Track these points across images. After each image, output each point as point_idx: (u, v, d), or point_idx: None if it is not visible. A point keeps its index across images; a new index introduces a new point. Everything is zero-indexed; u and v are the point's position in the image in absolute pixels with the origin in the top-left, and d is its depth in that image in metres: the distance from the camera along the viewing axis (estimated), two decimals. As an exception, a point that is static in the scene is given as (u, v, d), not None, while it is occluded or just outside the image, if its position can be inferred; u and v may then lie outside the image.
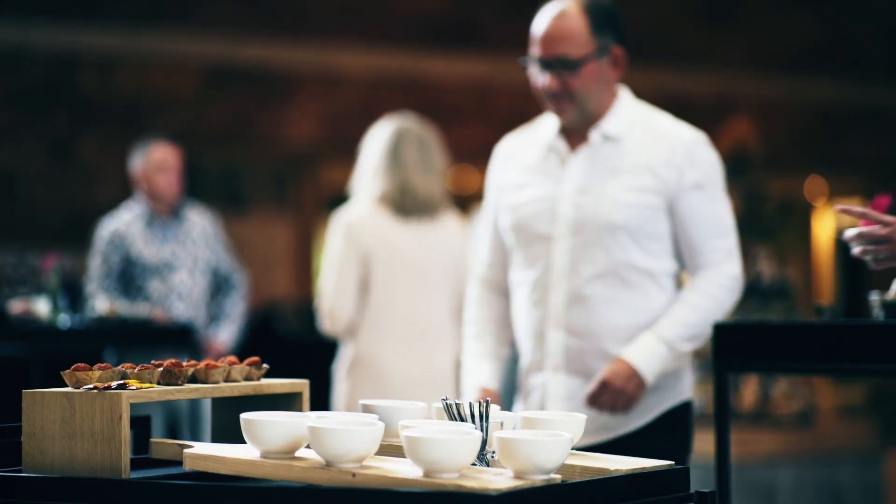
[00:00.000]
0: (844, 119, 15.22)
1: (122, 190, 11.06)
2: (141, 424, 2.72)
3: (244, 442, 2.37)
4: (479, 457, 2.33)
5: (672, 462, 2.46)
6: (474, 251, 3.84)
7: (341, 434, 2.19)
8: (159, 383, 2.54)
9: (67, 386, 2.46)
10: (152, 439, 2.48)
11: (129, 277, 6.62)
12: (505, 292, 3.68)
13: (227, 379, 2.65)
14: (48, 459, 2.39)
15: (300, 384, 2.72)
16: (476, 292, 3.72)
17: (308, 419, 2.27)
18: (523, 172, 3.58)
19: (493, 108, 12.88)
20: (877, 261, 2.93)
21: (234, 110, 12.23)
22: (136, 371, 2.51)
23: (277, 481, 2.25)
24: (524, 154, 3.61)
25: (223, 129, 12.11)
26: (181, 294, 6.61)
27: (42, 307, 6.13)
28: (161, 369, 2.55)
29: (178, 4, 11.99)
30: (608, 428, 3.48)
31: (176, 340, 6.08)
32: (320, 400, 3.14)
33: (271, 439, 2.27)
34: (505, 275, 3.67)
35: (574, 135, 3.55)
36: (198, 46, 12.01)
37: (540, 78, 3.47)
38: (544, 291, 3.49)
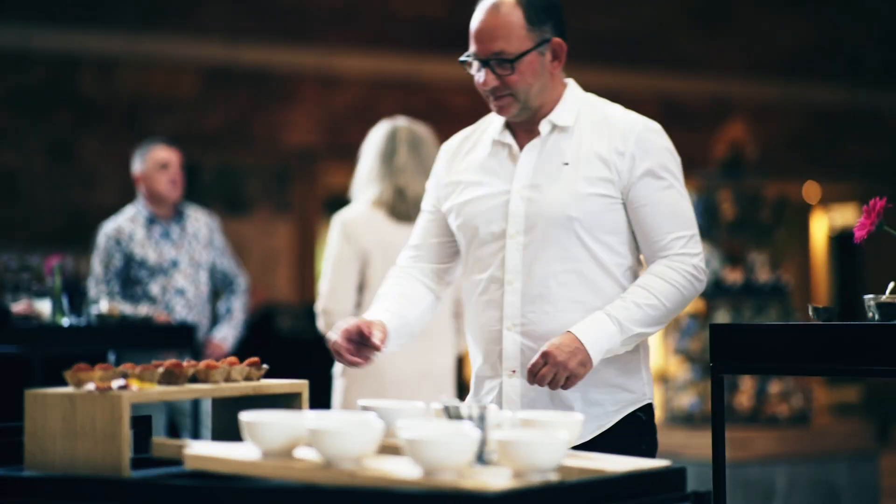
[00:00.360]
0: (840, 122, 15.23)
1: (122, 191, 11.07)
2: (142, 424, 2.73)
3: (244, 441, 2.38)
4: (477, 457, 2.35)
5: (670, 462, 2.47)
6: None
7: (340, 434, 2.21)
8: (160, 383, 2.56)
9: (69, 386, 2.47)
10: (153, 439, 2.50)
11: (131, 278, 6.63)
12: (423, 283, 3.47)
13: (228, 379, 2.67)
14: (50, 459, 2.40)
15: (299, 384, 2.73)
16: (392, 273, 3.50)
17: (307, 419, 2.29)
18: (473, 171, 3.42)
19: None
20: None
21: (233, 112, 12.24)
22: (136, 371, 2.53)
23: (277, 481, 2.27)
24: (473, 152, 3.45)
25: (223, 130, 12.13)
26: (182, 294, 6.62)
27: (44, 307, 6.14)
28: (162, 370, 2.56)
29: (178, 7, 12.00)
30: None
31: (176, 341, 6.08)
32: (320, 400, 3.15)
33: (271, 439, 2.29)
34: (429, 268, 3.49)
35: (522, 129, 3.39)
36: (198, 49, 12.02)
37: (478, 75, 3.31)
38: (498, 292, 3.30)
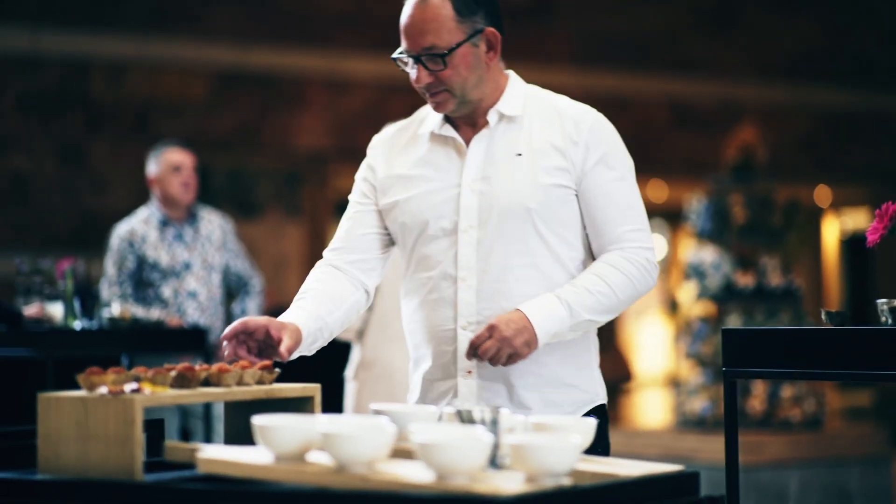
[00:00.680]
0: (850, 125, 15.22)
1: (133, 194, 11.09)
2: (154, 427, 2.73)
3: (256, 445, 2.38)
4: (490, 461, 2.35)
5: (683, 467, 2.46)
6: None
7: (353, 438, 2.20)
8: (172, 387, 2.56)
9: (82, 389, 2.47)
10: (166, 442, 2.49)
11: (143, 280, 6.64)
12: (350, 279, 3.28)
13: (240, 383, 2.66)
14: (62, 462, 2.40)
15: (312, 388, 2.73)
16: (314, 270, 3.31)
17: (320, 423, 2.29)
18: (416, 166, 3.26)
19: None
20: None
21: (243, 116, 12.25)
22: (149, 375, 2.53)
23: (289, 485, 2.26)
24: (413, 147, 3.30)
25: (233, 134, 12.14)
26: (194, 296, 6.63)
27: (56, 311, 6.15)
28: (174, 373, 2.56)
29: (187, 11, 12.01)
30: None
31: (189, 344, 6.09)
32: (333, 403, 3.14)
33: (283, 443, 2.28)
34: (355, 257, 3.31)
35: (464, 122, 3.25)
36: (208, 52, 12.03)
37: (412, 72, 3.17)
38: (451, 289, 3.16)
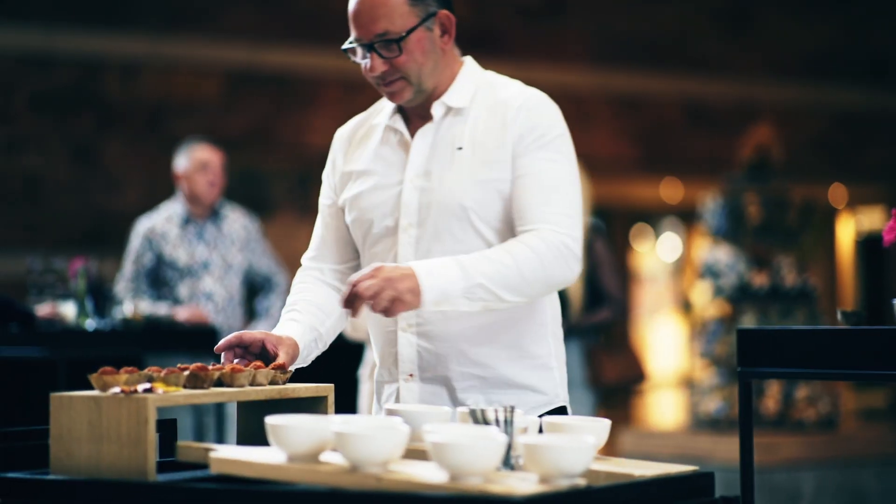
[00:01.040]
0: (866, 124, 15.19)
1: (146, 194, 11.10)
2: (167, 427, 2.73)
3: (269, 445, 2.38)
4: (504, 462, 2.34)
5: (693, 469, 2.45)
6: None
7: (366, 438, 2.20)
8: (185, 387, 2.56)
9: (94, 389, 2.47)
10: (178, 442, 2.49)
11: (160, 278, 6.65)
12: (330, 287, 3.21)
13: (253, 383, 2.66)
14: (75, 462, 2.40)
15: (325, 388, 2.72)
16: (297, 279, 3.26)
17: (333, 423, 2.28)
18: (365, 160, 3.19)
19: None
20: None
21: (256, 115, 12.26)
22: (162, 375, 2.53)
23: (303, 485, 2.26)
24: (367, 140, 3.23)
25: (246, 133, 12.14)
26: (210, 297, 6.63)
27: (69, 310, 6.17)
28: (187, 373, 2.56)
29: (201, 10, 12.02)
30: None
31: (202, 344, 6.10)
32: (347, 403, 3.14)
33: (297, 443, 2.28)
34: (330, 269, 3.24)
35: (415, 114, 3.14)
36: (221, 52, 12.04)
37: (364, 62, 3.07)
38: None
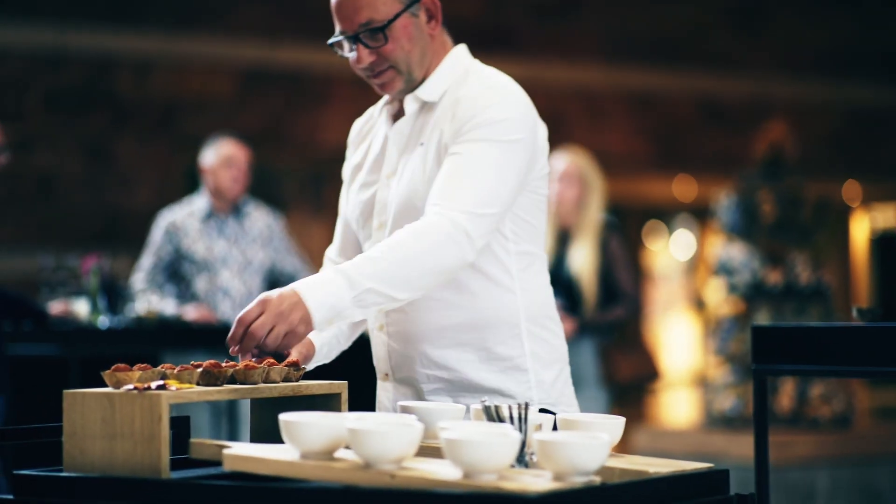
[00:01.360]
0: (879, 121, 15.16)
1: (158, 191, 11.12)
2: (180, 424, 2.72)
3: (283, 443, 2.37)
4: (518, 458, 2.33)
5: (710, 465, 2.44)
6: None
7: (380, 435, 2.19)
8: (199, 384, 2.55)
9: (107, 386, 2.47)
10: (192, 439, 2.48)
11: (178, 272, 6.65)
12: None
13: (266, 380, 2.65)
14: (88, 459, 2.39)
15: (339, 385, 2.72)
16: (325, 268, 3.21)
17: (347, 420, 2.27)
18: (359, 156, 3.15)
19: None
20: None
21: (269, 113, 12.27)
22: (175, 372, 2.52)
23: (316, 482, 2.25)
24: (367, 135, 3.17)
25: (259, 131, 12.15)
26: (227, 293, 6.62)
27: (81, 308, 6.17)
28: (200, 370, 2.55)
29: (213, 8, 12.03)
30: None
31: (216, 341, 6.09)
32: (365, 400, 3.11)
33: (310, 440, 2.27)
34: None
35: (397, 107, 3.07)
36: (233, 49, 12.05)
37: (351, 55, 2.97)
38: None
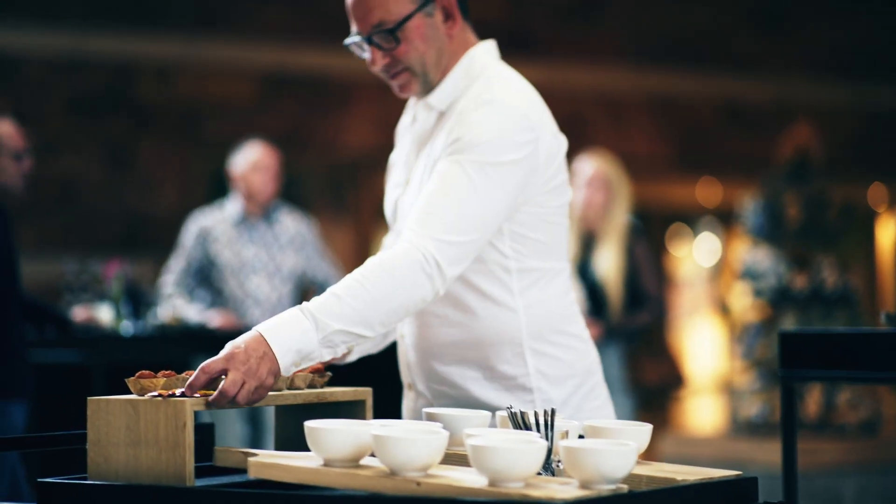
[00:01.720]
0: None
1: (181, 196, 11.13)
2: (205, 432, 2.71)
3: (308, 450, 2.36)
4: (544, 466, 2.31)
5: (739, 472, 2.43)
6: None
7: (406, 443, 2.18)
8: (223, 391, 2.54)
9: (131, 393, 2.46)
10: (216, 447, 2.47)
11: (208, 277, 6.64)
12: None
13: (291, 386, 2.64)
14: (113, 467, 2.38)
15: (363, 392, 2.71)
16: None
17: (372, 427, 2.26)
18: (392, 158, 3.11)
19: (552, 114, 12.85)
20: None
21: (290, 117, 12.27)
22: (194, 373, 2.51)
23: (342, 490, 2.24)
24: (401, 135, 3.12)
25: (280, 135, 12.13)
26: (257, 299, 6.61)
27: (105, 314, 6.17)
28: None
29: (234, 12, 12.04)
30: None
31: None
32: (390, 408, 3.09)
33: (335, 447, 2.26)
34: None
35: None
36: (254, 54, 12.06)
37: (366, 56, 2.91)
38: None
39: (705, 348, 16.07)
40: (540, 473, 2.30)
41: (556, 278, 2.92)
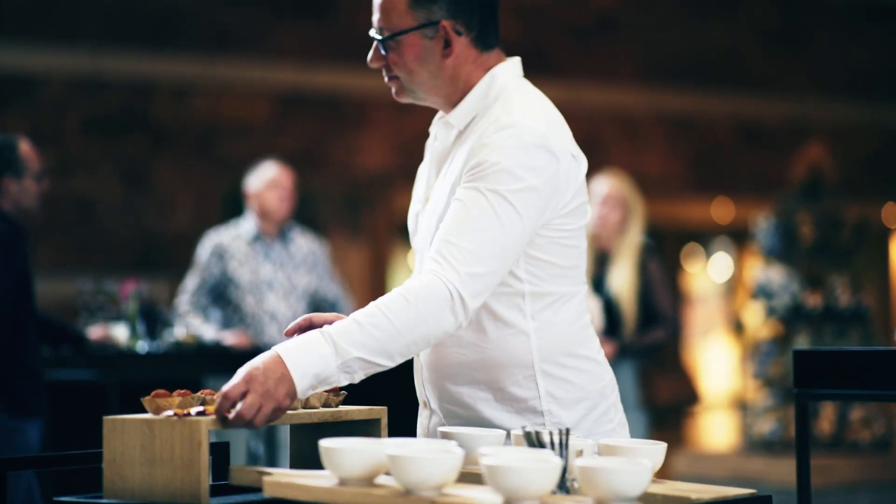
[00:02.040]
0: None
1: (197, 215, 11.15)
2: (220, 451, 2.72)
3: (323, 468, 2.36)
4: (559, 485, 2.31)
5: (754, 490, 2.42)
6: None
7: (421, 461, 2.18)
8: (238, 410, 2.54)
9: (147, 412, 2.46)
10: (232, 466, 2.48)
11: (224, 295, 6.65)
12: None
13: (306, 405, 2.64)
14: (128, 486, 2.39)
15: (378, 410, 2.71)
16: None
17: (387, 446, 2.26)
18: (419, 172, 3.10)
19: (565, 134, 12.86)
20: None
21: (306, 136, 12.30)
22: (215, 397, 2.52)
23: (356, 508, 2.24)
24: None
25: (296, 155, 12.18)
26: (274, 317, 6.62)
27: (120, 333, 6.18)
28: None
29: (250, 33, 12.08)
30: None
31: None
32: (405, 426, 3.09)
33: (350, 466, 2.26)
34: None
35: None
36: (270, 74, 12.09)
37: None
38: None
39: (719, 366, 16.05)
40: (555, 492, 2.30)
41: (571, 301, 2.89)
